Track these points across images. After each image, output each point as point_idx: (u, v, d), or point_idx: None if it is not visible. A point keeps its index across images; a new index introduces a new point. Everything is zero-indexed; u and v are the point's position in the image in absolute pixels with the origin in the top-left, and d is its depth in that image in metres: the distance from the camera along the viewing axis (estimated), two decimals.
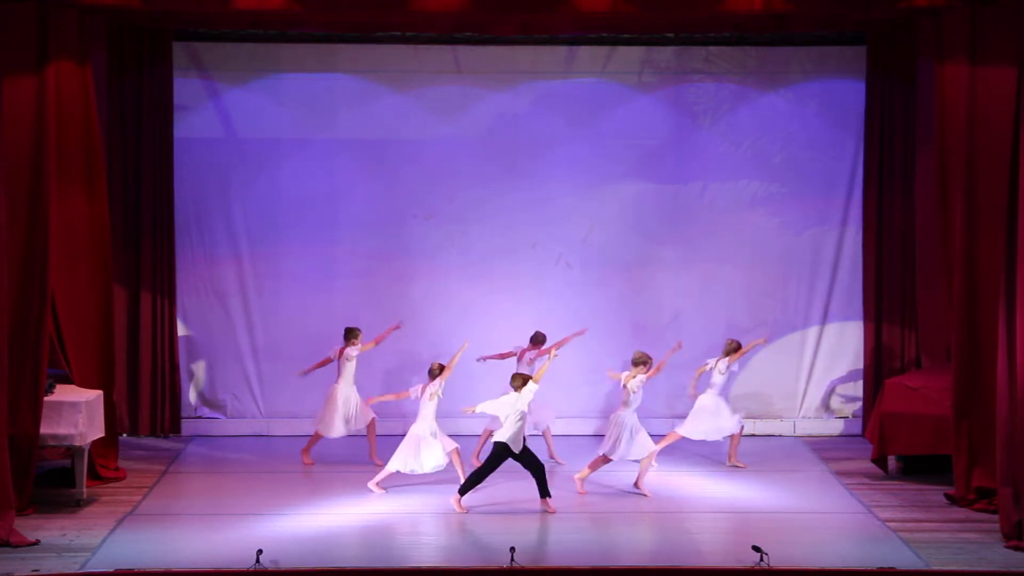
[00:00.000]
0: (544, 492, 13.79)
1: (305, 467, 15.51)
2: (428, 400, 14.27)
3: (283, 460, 15.72)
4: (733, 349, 15.67)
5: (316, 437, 15.64)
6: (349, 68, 17.21)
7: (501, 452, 13.74)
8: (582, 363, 16.79)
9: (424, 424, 14.26)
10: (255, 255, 17.25)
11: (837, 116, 17.30)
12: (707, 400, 15.55)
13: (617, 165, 17.33)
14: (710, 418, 15.49)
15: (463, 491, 13.84)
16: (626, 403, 14.47)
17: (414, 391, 14.36)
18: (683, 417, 15.80)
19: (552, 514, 13.65)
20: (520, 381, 13.87)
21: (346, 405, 15.49)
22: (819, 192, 17.37)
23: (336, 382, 15.53)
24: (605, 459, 14.56)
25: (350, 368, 15.53)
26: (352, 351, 15.53)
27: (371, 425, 15.60)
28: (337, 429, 15.48)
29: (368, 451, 15.59)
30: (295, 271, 17.26)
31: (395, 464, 14.25)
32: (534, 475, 13.81)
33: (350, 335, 15.56)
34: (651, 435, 14.70)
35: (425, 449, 14.22)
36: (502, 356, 15.80)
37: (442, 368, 14.38)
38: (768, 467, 15.71)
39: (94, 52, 14.82)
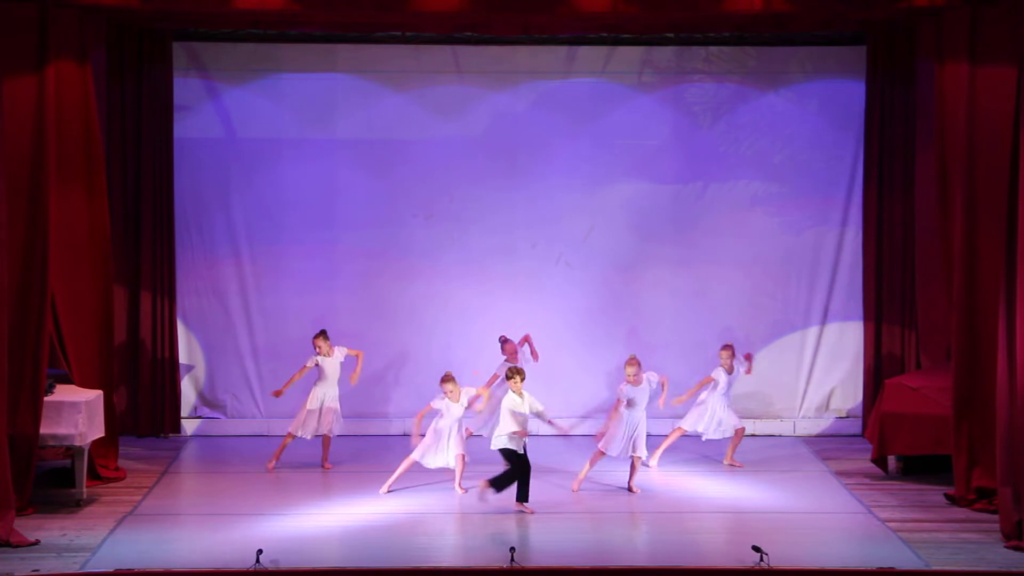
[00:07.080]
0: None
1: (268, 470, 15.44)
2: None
3: (283, 460, 15.69)
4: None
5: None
6: (349, 68, 17.20)
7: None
8: (580, 364, 16.79)
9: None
10: (255, 255, 17.24)
11: (837, 116, 17.29)
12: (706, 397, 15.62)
13: (617, 165, 17.32)
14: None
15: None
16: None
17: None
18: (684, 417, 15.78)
19: (545, 514, 13.67)
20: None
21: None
22: (819, 192, 17.36)
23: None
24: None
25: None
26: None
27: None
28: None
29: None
30: (295, 271, 17.25)
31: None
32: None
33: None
34: (652, 435, 14.75)
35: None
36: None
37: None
38: (768, 467, 15.70)
39: (94, 52, 14.80)
